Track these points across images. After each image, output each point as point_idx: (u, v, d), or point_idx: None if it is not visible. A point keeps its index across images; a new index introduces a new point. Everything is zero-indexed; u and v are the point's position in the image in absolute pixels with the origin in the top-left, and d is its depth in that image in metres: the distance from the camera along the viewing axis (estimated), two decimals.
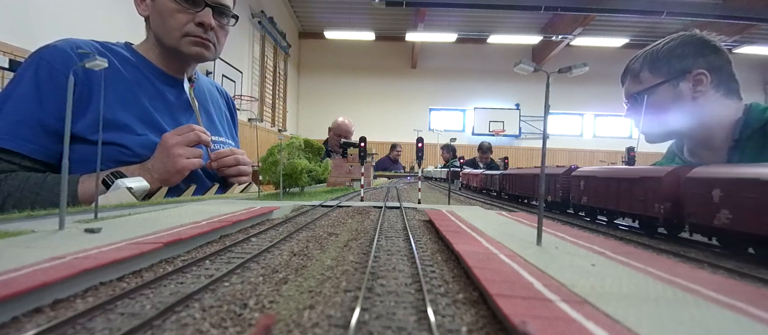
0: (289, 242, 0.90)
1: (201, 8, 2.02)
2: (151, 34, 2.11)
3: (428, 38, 11.93)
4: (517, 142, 13.70)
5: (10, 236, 0.73)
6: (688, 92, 1.93)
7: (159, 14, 2.01)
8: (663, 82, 1.96)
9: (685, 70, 1.92)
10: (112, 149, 1.82)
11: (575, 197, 1.57)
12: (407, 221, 1.21)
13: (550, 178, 1.77)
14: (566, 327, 0.38)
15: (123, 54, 2.02)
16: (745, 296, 0.50)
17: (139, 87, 1.98)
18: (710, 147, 2.00)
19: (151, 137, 1.92)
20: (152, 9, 2.04)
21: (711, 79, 1.91)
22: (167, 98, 2.10)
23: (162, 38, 2.06)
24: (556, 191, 1.72)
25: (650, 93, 1.99)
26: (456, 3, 9.45)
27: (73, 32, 2.06)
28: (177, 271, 0.64)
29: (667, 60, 1.97)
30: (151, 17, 2.06)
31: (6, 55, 2.97)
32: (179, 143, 1.88)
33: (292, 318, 0.45)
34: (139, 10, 2.07)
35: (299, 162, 2.11)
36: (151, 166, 1.84)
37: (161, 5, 1.99)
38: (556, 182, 1.73)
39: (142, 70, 2.05)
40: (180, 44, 2.05)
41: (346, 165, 3.09)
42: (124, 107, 1.90)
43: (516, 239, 0.84)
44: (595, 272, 0.60)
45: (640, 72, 2.06)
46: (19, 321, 0.43)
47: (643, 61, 2.05)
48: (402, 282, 0.60)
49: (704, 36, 1.99)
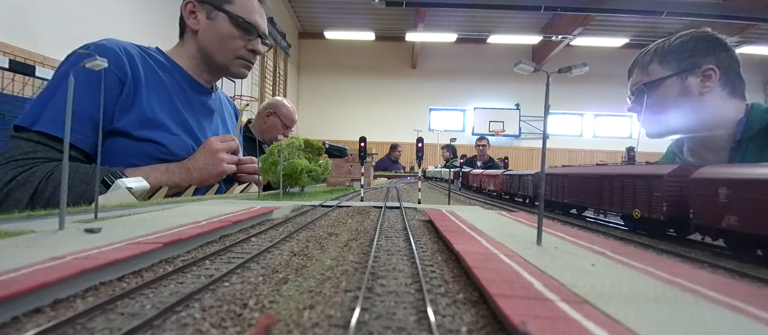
0: (289, 243, 0.90)
1: (254, 37, 2.27)
2: (194, 46, 2.24)
3: (428, 38, 11.93)
4: (517, 142, 13.71)
5: (10, 236, 0.73)
6: (695, 87, 1.92)
7: (217, 35, 2.20)
8: (672, 74, 1.95)
9: (695, 65, 1.92)
10: (150, 146, 1.95)
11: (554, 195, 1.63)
12: (407, 221, 1.21)
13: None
14: (566, 327, 0.38)
15: (158, 59, 2.16)
16: (745, 296, 0.50)
17: (173, 91, 2.13)
18: (712, 147, 1.99)
19: (184, 138, 2.08)
20: (209, 28, 2.20)
21: (719, 77, 1.90)
22: (194, 103, 2.25)
23: (213, 55, 2.24)
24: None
25: (658, 85, 1.98)
26: (456, 3, 9.45)
27: (73, 32, 2.07)
28: (177, 271, 0.64)
29: (678, 53, 1.97)
30: (204, 34, 2.21)
31: (6, 55, 2.97)
32: (223, 148, 2.09)
33: (292, 318, 0.45)
34: (189, 22, 2.20)
35: (299, 162, 2.11)
36: (192, 165, 2.00)
37: (221, 28, 2.18)
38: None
39: (175, 75, 2.18)
40: (231, 64, 2.28)
41: (346, 165, 3.09)
42: (163, 109, 2.04)
43: (516, 239, 0.84)
44: (595, 272, 0.60)
45: (649, 64, 2.05)
46: (19, 321, 0.43)
47: (654, 54, 2.05)
48: (402, 282, 0.60)
49: (716, 34, 2.00)
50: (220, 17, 2.18)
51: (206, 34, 2.20)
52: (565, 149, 13.21)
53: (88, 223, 0.89)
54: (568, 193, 1.63)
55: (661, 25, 10.66)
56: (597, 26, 10.95)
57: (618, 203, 1.27)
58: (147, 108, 1.96)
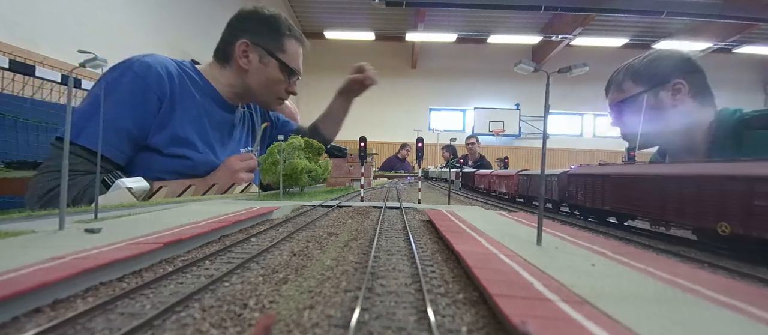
0: (289, 243, 0.90)
1: (295, 79, 2.54)
2: (239, 81, 2.39)
3: (428, 38, 11.92)
4: (517, 142, 13.69)
5: (10, 236, 0.72)
6: (668, 100, 2.04)
7: (266, 78, 2.39)
8: (644, 91, 2.07)
9: (664, 80, 2.04)
10: (178, 161, 2.13)
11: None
12: (407, 221, 1.21)
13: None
14: (566, 327, 0.38)
15: (193, 77, 2.30)
16: (745, 296, 0.50)
17: (203, 110, 2.29)
18: (691, 151, 2.09)
19: (209, 156, 2.29)
20: (259, 70, 2.37)
21: (688, 89, 2.02)
22: (220, 120, 2.42)
23: (257, 93, 2.46)
24: None
25: (632, 101, 2.10)
26: (456, 3, 9.44)
27: (73, 32, 2.07)
28: (177, 271, 0.64)
29: (647, 71, 2.10)
30: (253, 75, 2.38)
31: (6, 55, 2.96)
32: (242, 168, 2.30)
33: (292, 318, 0.45)
34: (241, 62, 2.34)
35: (299, 162, 2.11)
36: (214, 182, 2.22)
37: (271, 74, 2.40)
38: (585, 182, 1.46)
39: (207, 93, 2.33)
40: (272, 102, 2.57)
41: (346, 165, 3.09)
42: (193, 127, 2.22)
43: (516, 240, 0.84)
44: (595, 272, 0.60)
45: (622, 83, 2.18)
46: (19, 321, 0.43)
47: (625, 73, 2.18)
48: (402, 282, 0.60)
49: (681, 51, 2.17)
50: (272, 64, 2.36)
51: (256, 75, 2.37)
52: (565, 149, 13.19)
53: (88, 223, 0.89)
54: (610, 197, 1.32)
55: (661, 25, 10.65)
56: (597, 26, 10.94)
57: (691, 214, 0.97)
58: (179, 127, 2.13)
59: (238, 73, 2.37)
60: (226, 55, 2.37)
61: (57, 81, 3.10)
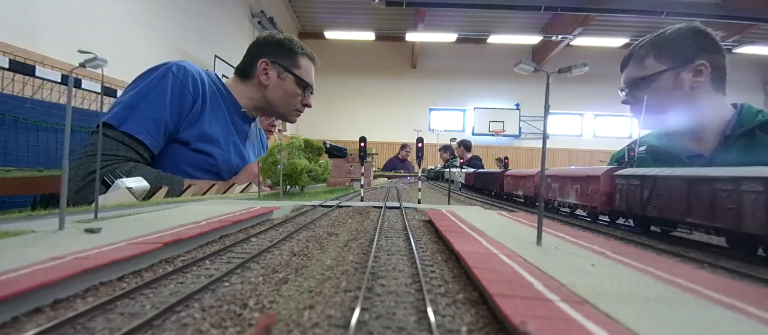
0: (289, 243, 0.90)
1: (309, 93, 2.79)
2: (260, 95, 2.70)
3: (428, 38, 11.92)
4: (517, 142, 13.69)
5: (10, 236, 0.73)
6: (687, 81, 1.96)
7: (284, 92, 2.70)
8: (668, 69, 1.99)
9: (688, 60, 1.96)
10: (203, 158, 2.38)
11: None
12: (407, 221, 1.21)
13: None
14: (566, 327, 0.38)
15: (219, 86, 2.61)
16: (745, 296, 0.50)
17: (227, 114, 2.59)
18: (697, 138, 2.03)
19: (231, 155, 2.56)
20: (278, 85, 2.67)
21: (709, 72, 1.95)
22: (236, 128, 2.69)
23: (276, 106, 2.77)
24: None
25: (654, 79, 2.02)
26: (456, 3, 9.45)
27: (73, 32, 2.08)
28: (177, 271, 0.64)
29: (674, 48, 2.01)
30: (272, 90, 2.68)
31: (6, 55, 2.96)
32: None
33: (292, 318, 0.45)
34: (262, 78, 2.65)
35: (299, 162, 2.11)
36: (235, 182, 2.45)
37: (288, 87, 2.69)
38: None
39: (228, 102, 2.63)
40: (290, 115, 2.86)
41: (346, 165, 3.08)
42: (219, 127, 2.48)
43: (516, 240, 0.84)
44: (595, 272, 0.60)
45: (645, 57, 2.08)
46: (19, 321, 0.43)
47: (650, 47, 2.08)
48: (402, 282, 0.60)
49: (709, 31, 2.04)
50: (289, 79, 2.66)
51: (274, 90, 2.68)
52: (565, 149, 13.20)
53: (88, 223, 0.89)
54: (656, 202, 1.07)
55: (660, 25, 10.58)
56: (597, 26, 10.94)
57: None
58: (207, 125, 2.40)
59: (259, 88, 2.68)
60: (247, 72, 2.70)
61: (57, 81, 3.10)
